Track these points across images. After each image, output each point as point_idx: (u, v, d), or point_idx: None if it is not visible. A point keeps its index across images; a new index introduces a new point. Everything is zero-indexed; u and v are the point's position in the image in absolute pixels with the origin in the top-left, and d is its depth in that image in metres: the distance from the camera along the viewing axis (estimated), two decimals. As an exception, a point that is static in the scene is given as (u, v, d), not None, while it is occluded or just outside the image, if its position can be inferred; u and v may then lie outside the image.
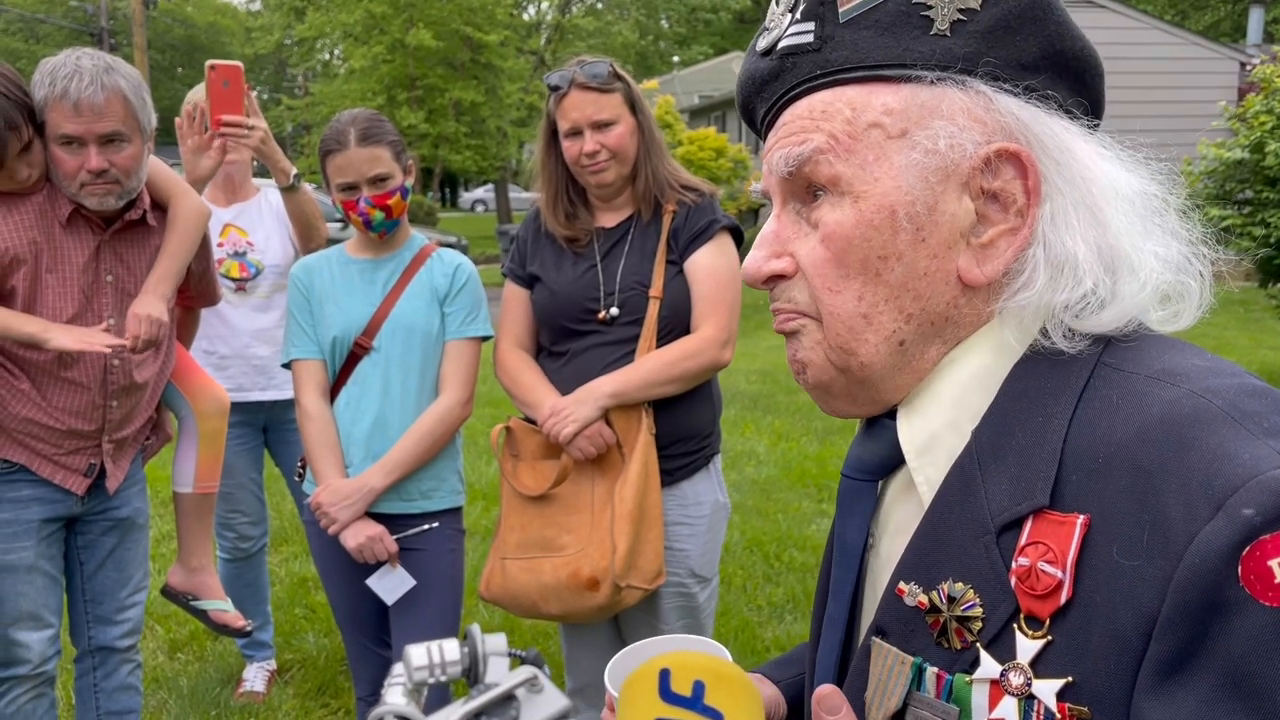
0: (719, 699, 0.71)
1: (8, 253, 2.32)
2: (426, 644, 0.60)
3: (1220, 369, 0.76)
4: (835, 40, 0.84)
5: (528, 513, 2.53)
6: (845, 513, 0.92)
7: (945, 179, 0.82)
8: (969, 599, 0.77)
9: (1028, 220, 0.82)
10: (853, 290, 0.84)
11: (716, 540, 2.66)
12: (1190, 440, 0.69)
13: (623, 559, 2.39)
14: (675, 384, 2.47)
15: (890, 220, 0.82)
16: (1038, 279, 0.80)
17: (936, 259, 0.83)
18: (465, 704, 0.52)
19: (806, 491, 6.04)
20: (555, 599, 2.46)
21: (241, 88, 2.91)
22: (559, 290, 2.57)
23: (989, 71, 0.82)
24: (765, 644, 4.01)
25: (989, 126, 0.82)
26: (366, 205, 2.50)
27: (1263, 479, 0.65)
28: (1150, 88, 16.17)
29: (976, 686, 0.76)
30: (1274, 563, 0.64)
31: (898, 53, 0.82)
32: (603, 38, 27.69)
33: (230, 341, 3.40)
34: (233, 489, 3.51)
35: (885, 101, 0.83)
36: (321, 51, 30.99)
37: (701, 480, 2.60)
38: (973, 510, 0.79)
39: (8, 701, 2.50)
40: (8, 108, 2.22)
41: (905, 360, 0.85)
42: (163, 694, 3.66)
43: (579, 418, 2.43)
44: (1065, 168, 0.81)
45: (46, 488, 2.48)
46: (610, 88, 2.46)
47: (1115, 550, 0.70)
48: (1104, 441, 0.74)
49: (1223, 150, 8.44)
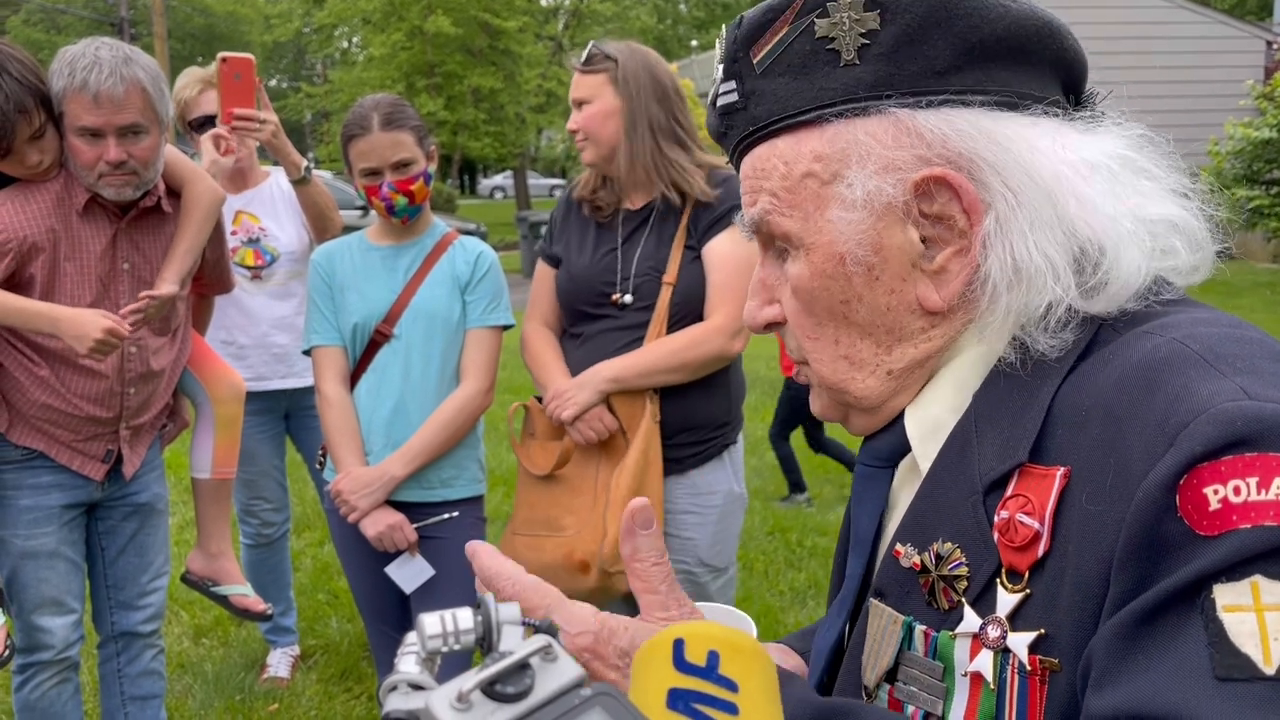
0: (733, 669, 0.70)
1: (26, 241, 2.33)
2: (440, 612, 0.59)
3: (1218, 320, 0.74)
4: (757, 95, 0.84)
5: (537, 491, 2.55)
6: (860, 499, 0.93)
7: (881, 217, 0.80)
8: (955, 558, 0.77)
9: (972, 239, 0.79)
10: (829, 335, 0.86)
11: (730, 530, 2.63)
12: (1157, 383, 0.68)
13: (612, 544, 2.38)
14: (679, 373, 2.44)
15: (840, 267, 0.82)
16: (1001, 294, 0.78)
17: (895, 293, 0.82)
18: (479, 672, 0.52)
19: (828, 477, 6.03)
20: (552, 578, 2.46)
21: (253, 81, 2.90)
22: (577, 273, 2.57)
23: (904, 90, 0.79)
24: (788, 628, 4.00)
25: (909, 154, 0.79)
26: (389, 190, 2.50)
27: (1212, 411, 0.64)
28: (1176, 67, 15.98)
29: (959, 641, 0.76)
30: (1209, 489, 0.62)
31: (813, 94, 0.81)
32: (620, 22, 27.58)
33: (249, 331, 3.40)
34: (255, 476, 3.53)
35: (813, 148, 0.82)
36: (340, 39, 31.08)
37: (714, 469, 2.57)
38: (965, 471, 0.78)
39: (32, 687, 2.52)
40: (19, 92, 2.22)
41: (900, 383, 0.86)
42: (187, 679, 3.69)
43: (578, 401, 2.43)
44: (1006, 172, 0.78)
45: (66, 474, 2.50)
46: (593, 69, 2.49)
47: (1085, 498, 0.69)
48: (1088, 394, 0.73)
49: (1250, 129, 8.34)
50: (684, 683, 0.64)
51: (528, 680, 0.52)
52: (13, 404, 2.44)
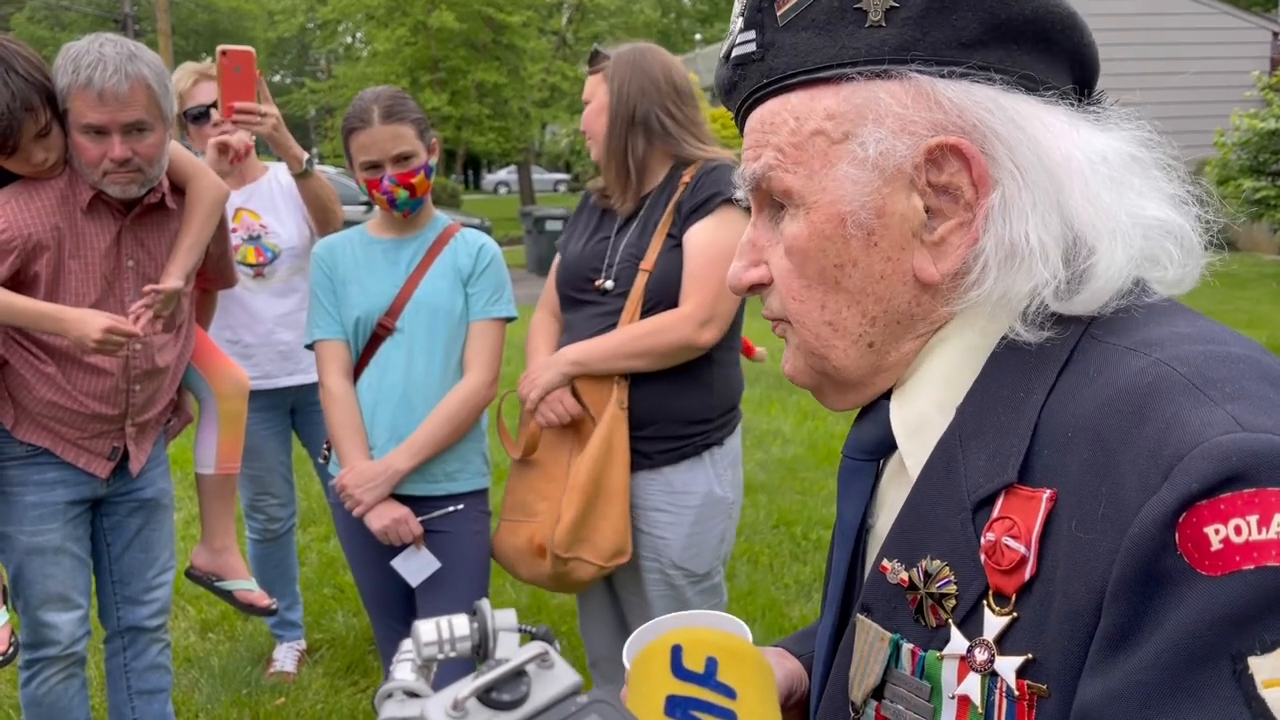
0: (731, 675, 0.70)
1: (31, 239, 2.33)
2: (435, 619, 0.59)
3: (1202, 335, 0.74)
4: (776, 47, 0.83)
5: (519, 476, 2.59)
6: (844, 493, 0.92)
7: (889, 181, 0.80)
8: (944, 576, 0.76)
9: (976, 213, 0.79)
10: (815, 299, 0.85)
11: (708, 535, 2.53)
12: (1148, 410, 0.67)
13: (565, 530, 2.37)
14: (643, 359, 2.40)
15: (840, 229, 0.81)
16: (990, 273, 0.78)
17: (891, 261, 0.81)
18: (475, 679, 0.52)
19: (833, 470, 6.01)
20: (522, 563, 2.55)
21: (254, 73, 2.88)
22: (569, 260, 2.61)
23: (927, 57, 0.78)
24: (792, 622, 4.00)
25: (926, 120, 0.78)
26: (390, 184, 2.49)
27: (1206, 445, 0.63)
28: (1182, 59, 15.93)
29: (946, 663, 0.75)
30: (1210, 529, 0.62)
31: (834, 52, 0.80)
32: (624, 16, 27.52)
33: (254, 329, 3.39)
34: (262, 472, 3.54)
35: (827, 105, 0.81)
36: (344, 34, 31.01)
37: (692, 469, 2.49)
38: (953, 487, 0.78)
39: (39, 682, 2.53)
40: (26, 90, 2.22)
41: (879, 359, 0.85)
42: (194, 673, 3.71)
43: (541, 383, 2.45)
44: (1017, 150, 0.78)
45: (71, 470, 2.50)
46: (594, 68, 2.54)
47: (1074, 524, 0.69)
48: (1074, 414, 0.72)
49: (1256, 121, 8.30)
50: (682, 689, 0.64)
51: (524, 687, 0.52)
52: (19, 401, 2.44)
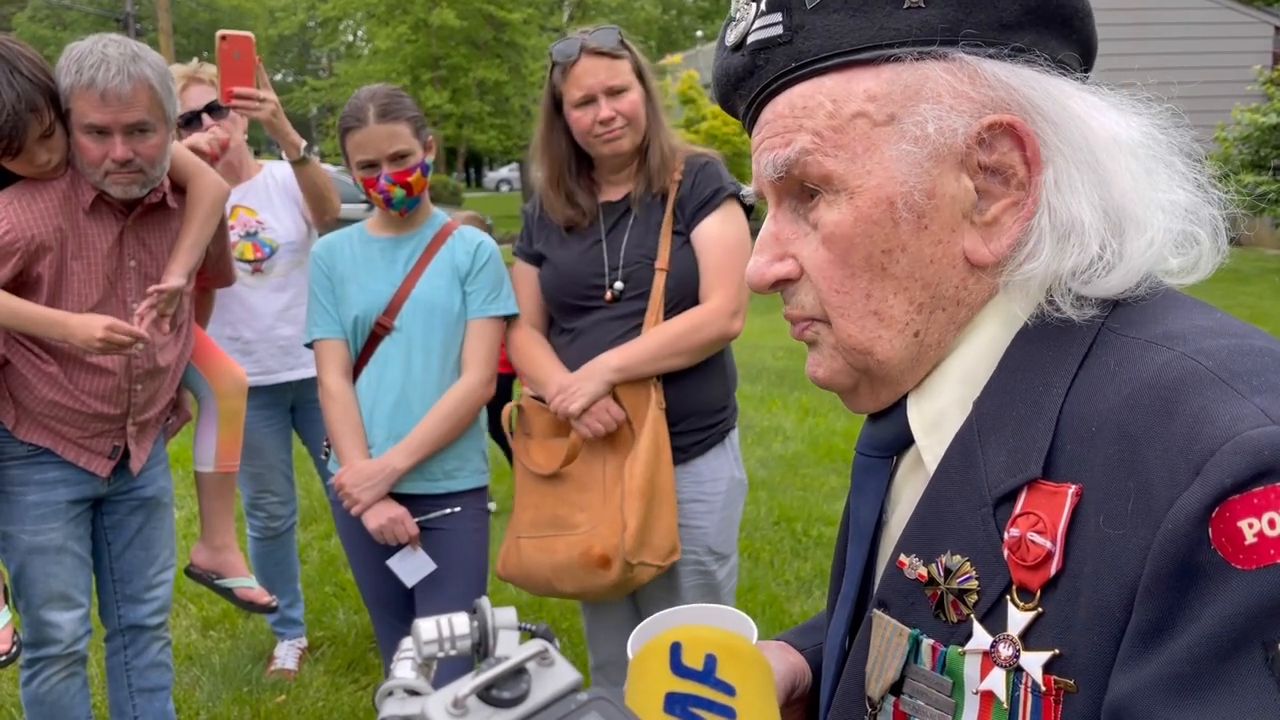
0: (730, 672, 0.70)
1: (34, 240, 2.32)
2: (435, 618, 0.59)
3: (1223, 329, 0.73)
4: (806, 29, 0.80)
5: (540, 491, 2.52)
6: (859, 489, 0.91)
7: (940, 161, 0.78)
8: (965, 571, 0.76)
9: (1030, 191, 0.78)
10: (860, 289, 0.82)
11: (734, 517, 2.62)
12: (1175, 404, 0.67)
13: (633, 536, 2.37)
14: (683, 357, 2.43)
15: (889, 212, 0.79)
16: (1043, 248, 0.77)
17: (941, 244, 0.80)
18: (475, 677, 0.52)
19: (834, 466, 6.02)
20: (569, 577, 2.46)
21: (253, 59, 2.86)
22: (563, 268, 2.54)
23: (971, 39, 0.78)
24: (793, 619, 4.00)
25: (978, 99, 0.78)
26: (387, 183, 2.49)
27: (1238, 440, 0.63)
28: (1183, 53, 15.90)
29: (969, 658, 0.75)
30: (1244, 523, 0.62)
31: (872, 33, 0.78)
32: (625, 13, 27.53)
33: (254, 325, 3.39)
34: (262, 470, 3.54)
35: (867, 87, 0.79)
36: (345, 32, 31.02)
37: (717, 456, 2.56)
38: (972, 482, 0.77)
39: (40, 681, 2.53)
40: (30, 90, 2.21)
41: (921, 350, 0.83)
42: (195, 671, 3.71)
43: (586, 393, 2.40)
44: (1063, 129, 0.78)
45: (72, 469, 2.50)
46: (621, 54, 2.42)
47: (1102, 520, 0.68)
48: (1098, 409, 0.72)
49: (1258, 115, 8.29)
50: (681, 687, 0.64)
51: (524, 685, 0.52)
52: (20, 401, 2.44)
